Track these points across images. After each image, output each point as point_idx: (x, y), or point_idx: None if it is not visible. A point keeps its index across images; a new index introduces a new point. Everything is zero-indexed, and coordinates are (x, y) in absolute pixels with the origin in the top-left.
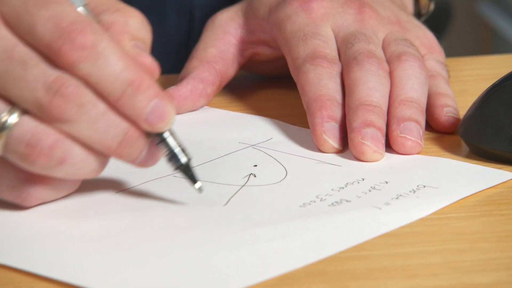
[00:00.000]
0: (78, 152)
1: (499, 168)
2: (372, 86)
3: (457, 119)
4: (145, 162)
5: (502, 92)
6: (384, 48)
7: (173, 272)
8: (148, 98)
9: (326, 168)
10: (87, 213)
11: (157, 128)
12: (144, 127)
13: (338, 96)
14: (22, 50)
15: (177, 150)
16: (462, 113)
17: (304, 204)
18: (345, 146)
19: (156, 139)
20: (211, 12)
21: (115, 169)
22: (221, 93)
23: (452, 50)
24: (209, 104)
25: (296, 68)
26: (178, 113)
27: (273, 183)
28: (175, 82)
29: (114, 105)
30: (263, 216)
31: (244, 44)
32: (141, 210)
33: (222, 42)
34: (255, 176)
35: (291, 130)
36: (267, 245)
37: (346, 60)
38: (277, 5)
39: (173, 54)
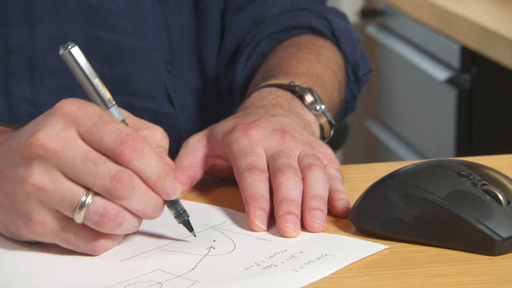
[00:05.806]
0: (129, 218)
1: (376, 242)
2: (291, 188)
3: (349, 208)
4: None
5: (378, 190)
6: (299, 161)
7: None
8: (170, 180)
9: (261, 242)
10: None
11: (171, 198)
12: (164, 198)
13: (265, 194)
14: (93, 154)
15: (181, 210)
16: (352, 203)
17: (246, 268)
18: (271, 226)
19: (168, 203)
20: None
21: None
22: (191, 190)
23: (346, 159)
24: (183, 198)
25: (238, 174)
26: None
27: (226, 253)
28: None
29: (151, 186)
30: (219, 276)
31: (207, 157)
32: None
33: (192, 156)
34: (214, 248)
35: (239, 216)
36: None
37: (273, 170)
38: (228, 132)
39: None
